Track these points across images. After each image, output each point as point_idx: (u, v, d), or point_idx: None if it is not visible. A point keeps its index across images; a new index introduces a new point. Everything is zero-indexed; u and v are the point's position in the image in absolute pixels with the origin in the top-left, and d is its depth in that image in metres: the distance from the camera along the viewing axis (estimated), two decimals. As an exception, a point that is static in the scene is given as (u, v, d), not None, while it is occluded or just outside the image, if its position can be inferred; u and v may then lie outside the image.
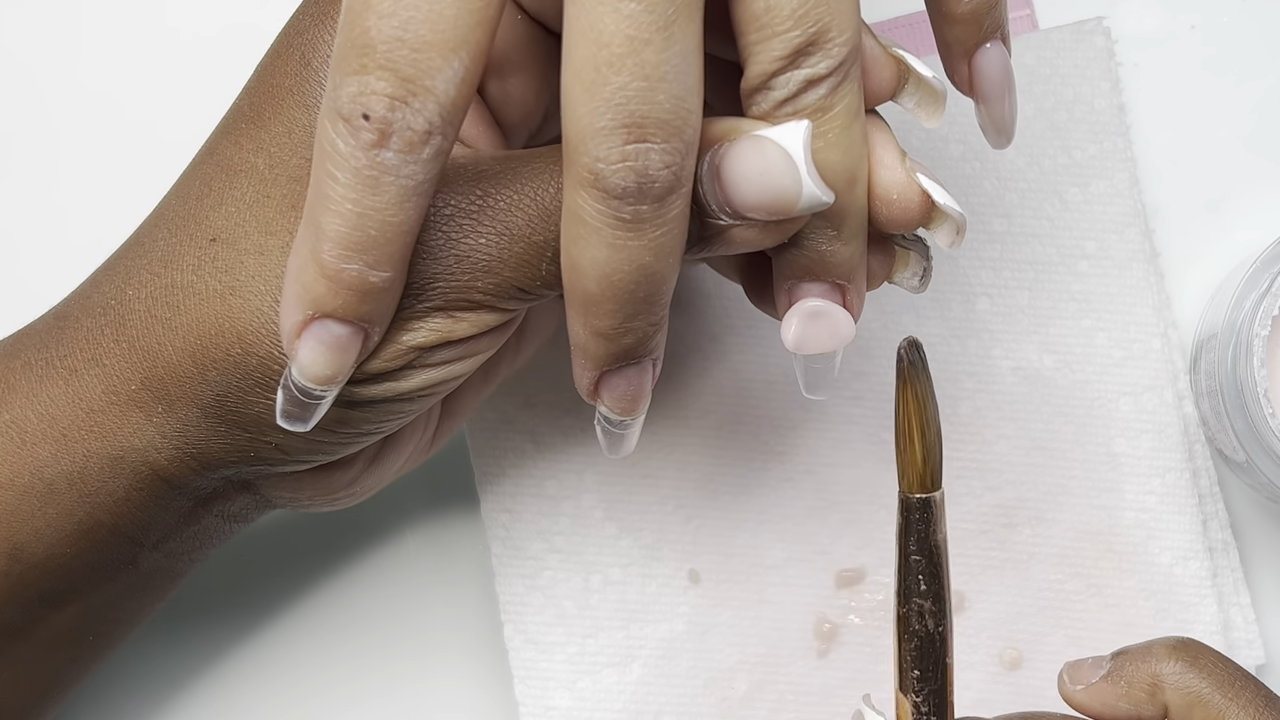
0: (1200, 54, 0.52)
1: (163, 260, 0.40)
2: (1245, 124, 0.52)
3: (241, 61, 0.42)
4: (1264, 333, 0.46)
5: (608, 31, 0.33)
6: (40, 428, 0.41)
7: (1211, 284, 0.51)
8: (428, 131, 0.34)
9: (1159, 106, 0.52)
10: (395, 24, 0.33)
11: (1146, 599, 0.49)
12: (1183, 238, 0.51)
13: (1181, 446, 0.50)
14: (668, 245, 0.35)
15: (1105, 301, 0.50)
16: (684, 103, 0.34)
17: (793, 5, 0.35)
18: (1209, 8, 0.52)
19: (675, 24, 0.33)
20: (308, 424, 0.38)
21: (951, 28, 0.39)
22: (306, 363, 0.36)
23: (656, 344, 0.38)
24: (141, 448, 0.41)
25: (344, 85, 0.34)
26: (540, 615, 0.50)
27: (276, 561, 0.51)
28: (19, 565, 0.42)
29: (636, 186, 0.34)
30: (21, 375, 0.42)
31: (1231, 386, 0.46)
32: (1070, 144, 0.50)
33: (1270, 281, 0.46)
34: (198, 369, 0.40)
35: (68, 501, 0.41)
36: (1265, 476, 0.47)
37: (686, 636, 0.50)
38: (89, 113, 0.53)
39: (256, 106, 0.40)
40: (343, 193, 0.34)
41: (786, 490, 0.50)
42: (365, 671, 0.52)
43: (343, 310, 0.36)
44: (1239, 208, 0.52)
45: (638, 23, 0.33)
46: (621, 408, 0.39)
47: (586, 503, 0.50)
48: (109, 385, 0.41)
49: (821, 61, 0.35)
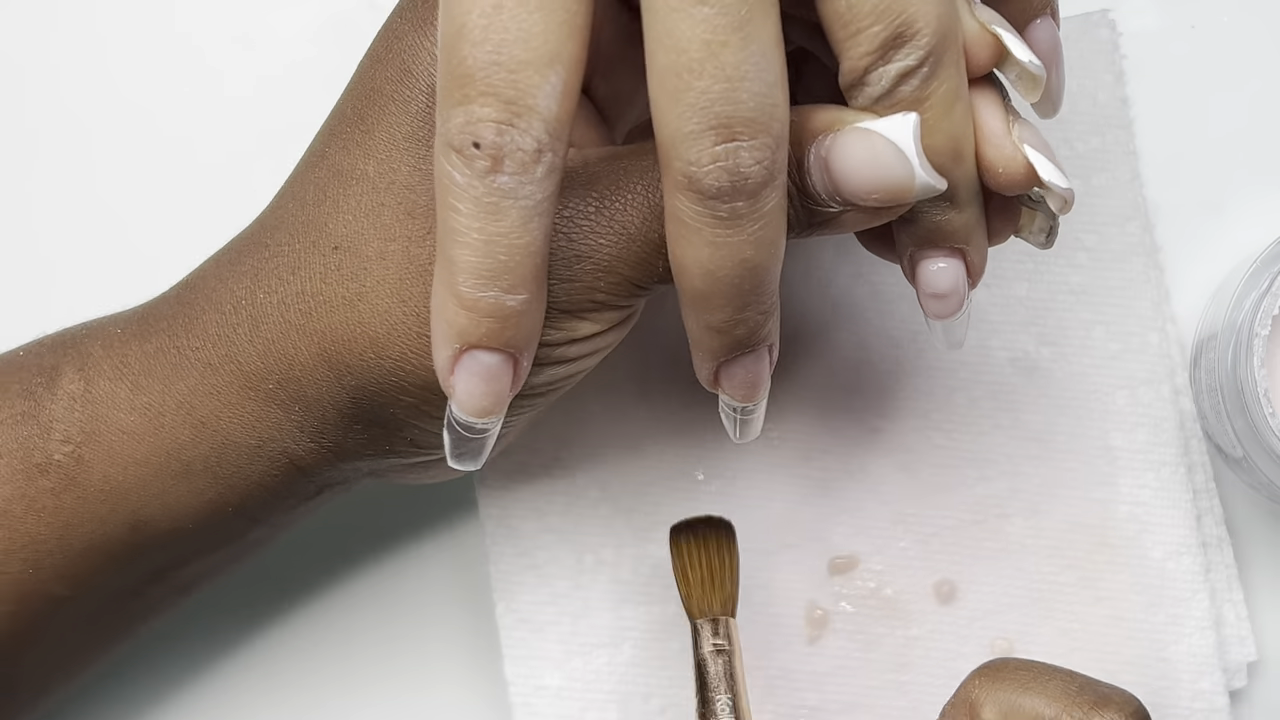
0: (1200, 53, 0.52)
1: (290, 267, 0.41)
2: (1245, 123, 0.52)
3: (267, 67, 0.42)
4: (1264, 332, 0.46)
5: (684, 38, 0.34)
6: (179, 414, 0.42)
7: (1212, 283, 0.51)
8: (538, 150, 0.34)
9: (1159, 106, 0.52)
10: (489, 49, 0.34)
11: (1139, 593, 0.49)
12: (1183, 237, 0.51)
13: (1177, 441, 0.50)
14: (768, 237, 0.36)
15: (1104, 294, 0.50)
16: (768, 98, 0.34)
17: (873, 2, 0.36)
18: (1209, 7, 0.52)
19: (751, 23, 0.34)
20: (478, 460, 0.39)
21: (1004, 5, 0.39)
22: (464, 398, 0.37)
23: (770, 330, 0.38)
24: (280, 439, 0.42)
25: (451, 117, 0.34)
26: (533, 594, 0.50)
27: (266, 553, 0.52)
28: (140, 537, 0.43)
29: (731, 185, 0.35)
30: (156, 360, 0.43)
31: (1231, 386, 0.46)
32: (1072, 136, 0.50)
33: (1270, 281, 0.46)
34: (333, 373, 0.41)
35: (201, 482, 0.43)
36: (1265, 476, 0.47)
37: (678, 620, 0.50)
38: (116, 116, 0.53)
39: (359, 111, 0.41)
40: (467, 223, 0.35)
41: (780, 476, 0.50)
42: (356, 655, 0.52)
43: (488, 339, 0.36)
44: (1239, 208, 0.52)
45: (713, 26, 0.34)
46: (743, 395, 0.39)
47: (582, 482, 0.50)
48: (247, 381, 0.42)
49: (911, 55, 0.36)
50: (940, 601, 0.50)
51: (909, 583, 0.50)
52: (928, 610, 0.50)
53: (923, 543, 0.50)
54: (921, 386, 0.50)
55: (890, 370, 0.50)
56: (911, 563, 0.50)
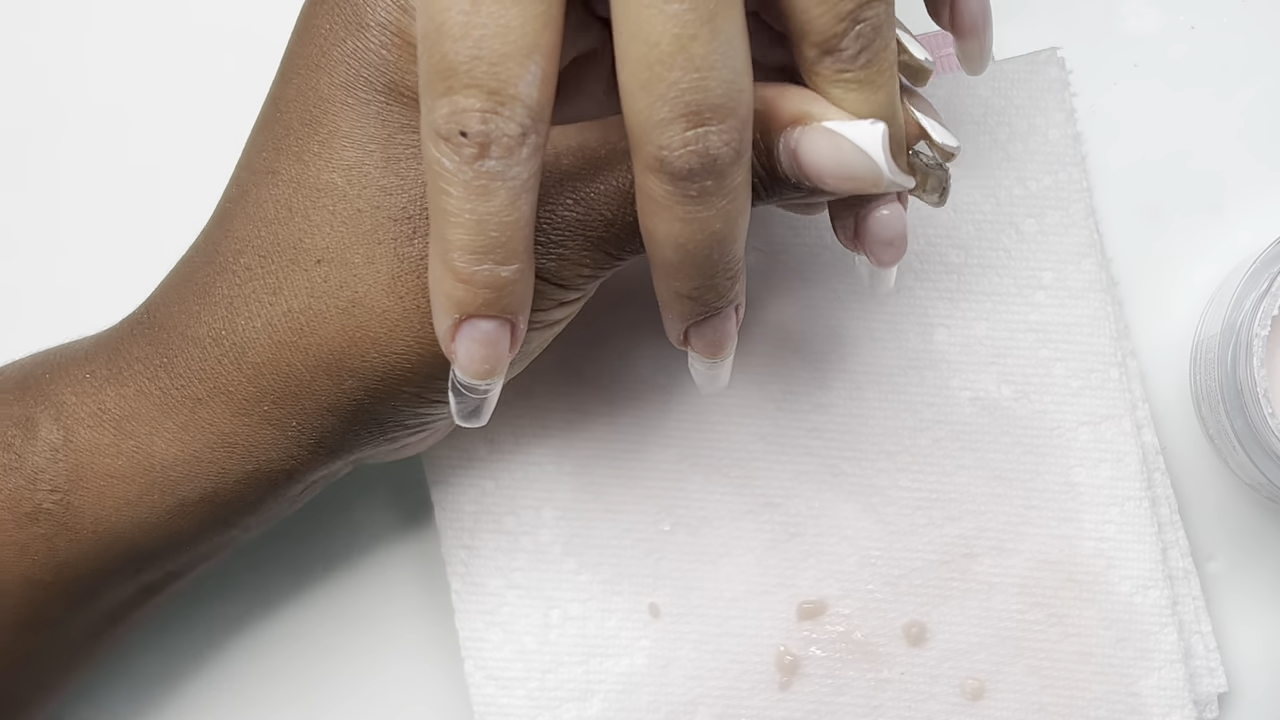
0: (1200, 54, 0.52)
1: (270, 289, 0.42)
2: (1245, 124, 0.52)
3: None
4: (1264, 333, 0.46)
5: (656, 32, 0.35)
6: (170, 452, 0.43)
7: (1211, 284, 0.51)
8: (522, 134, 0.36)
9: (1159, 107, 0.52)
10: (470, 44, 0.35)
11: (1107, 628, 0.49)
12: (1183, 238, 0.51)
13: (1140, 475, 0.50)
14: (735, 210, 0.38)
15: (1062, 332, 0.50)
16: (735, 84, 0.36)
17: None
18: (1209, 8, 0.52)
19: (718, 15, 0.36)
20: (482, 419, 0.41)
21: None
22: (466, 361, 0.39)
23: (736, 293, 0.40)
24: (277, 459, 0.43)
25: (437, 108, 0.36)
26: (500, 651, 0.50)
27: (252, 574, 0.52)
28: (138, 562, 0.44)
29: (701, 166, 0.36)
30: (137, 403, 0.43)
31: (1231, 386, 0.46)
32: (1025, 175, 0.50)
33: (1270, 281, 0.46)
34: (333, 381, 0.42)
35: (198, 512, 0.44)
36: (1265, 476, 0.47)
37: (647, 671, 0.50)
38: (115, 118, 0.53)
39: (309, 120, 0.42)
40: (458, 205, 0.37)
41: (746, 523, 0.50)
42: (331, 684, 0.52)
43: (485, 308, 0.38)
44: (1239, 208, 0.52)
45: (683, 21, 0.35)
46: (710, 352, 0.41)
47: (545, 538, 0.50)
48: (238, 409, 0.42)
49: (876, 7, 0.38)
50: (910, 643, 0.50)
51: (878, 625, 0.50)
52: (898, 652, 0.50)
53: (891, 585, 0.50)
54: (886, 427, 0.50)
55: (854, 412, 0.50)
56: (880, 605, 0.50)
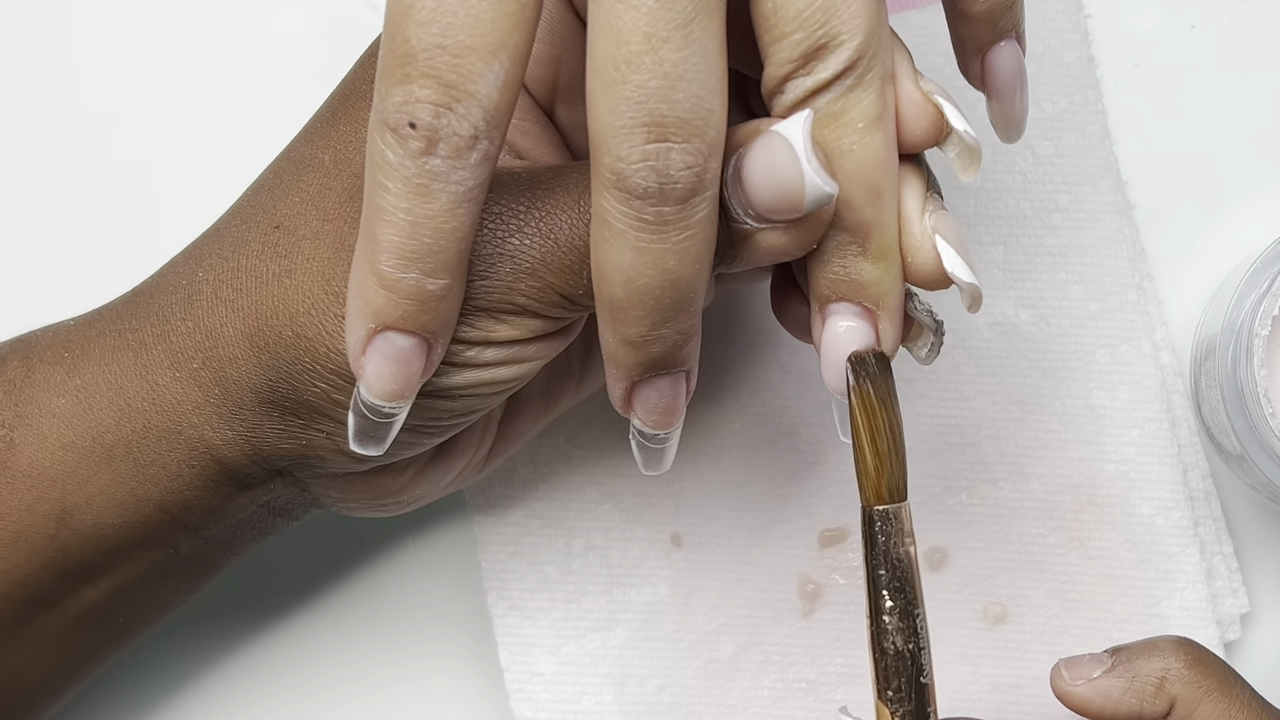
0: (1200, 54, 0.51)
1: (232, 245, 0.41)
2: (1245, 124, 0.51)
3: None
4: (1264, 333, 0.46)
5: (626, 29, 0.33)
6: (107, 395, 0.42)
7: (1211, 284, 0.51)
8: (474, 136, 0.34)
9: (1159, 106, 0.51)
10: (434, 31, 0.33)
11: (1129, 550, 0.50)
12: (1183, 238, 0.51)
13: (1159, 397, 0.50)
14: (693, 250, 0.35)
15: (1079, 254, 0.50)
16: (704, 102, 0.34)
17: (799, 7, 0.35)
18: (1209, 7, 0.51)
19: (694, 22, 0.33)
20: (382, 445, 0.38)
21: (967, 25, 0.39)
22: (373, 379, 0.36)
23: (688, 354, 0.37)
24: (199, 425, 0.42)
25: (389, 96, 0.34)
26: (523, 581, 0.50)
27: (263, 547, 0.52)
28: (65, 530, 0.43)
29: (658, 187, 0.34)
30: (95, 344, 0.43)
31: (1231, 386, 0.46)
32: (1041, 97, 0.50)
33: (1270, 281, 0.46)
34: (253, 351, 0.40)
35: (122, 470, 0.42)
36: (1265, 476, 0.47)
37: (670, 600, 0.50)
38: (115, 119, 0.53)
39: (333, 109, 0.41)
40: (394, 202, 0.34)
41: (767, 451, 0.50)
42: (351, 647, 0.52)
43: (404, 321, 0.36)
44: (1239, 208, 0.51)
45: (656, 20, 0.33)
46: (654, 420, 0.38)
47: (567, 467, 0.50)
48: (174, 360, 0.42)
49: (828, 68, 0.35)
50: (931, 569, 0.50)
51: (899, 551, 0.50)
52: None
53: (912, 511, 0.50)
54: (904, 354, 0.50)
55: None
56: (901, 531, 0.50)
